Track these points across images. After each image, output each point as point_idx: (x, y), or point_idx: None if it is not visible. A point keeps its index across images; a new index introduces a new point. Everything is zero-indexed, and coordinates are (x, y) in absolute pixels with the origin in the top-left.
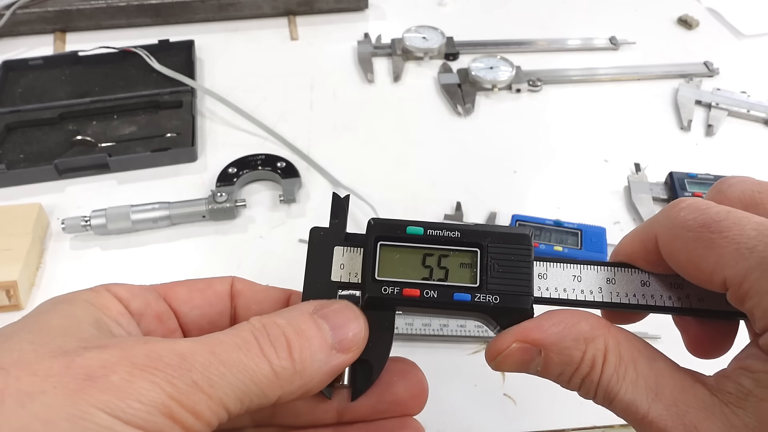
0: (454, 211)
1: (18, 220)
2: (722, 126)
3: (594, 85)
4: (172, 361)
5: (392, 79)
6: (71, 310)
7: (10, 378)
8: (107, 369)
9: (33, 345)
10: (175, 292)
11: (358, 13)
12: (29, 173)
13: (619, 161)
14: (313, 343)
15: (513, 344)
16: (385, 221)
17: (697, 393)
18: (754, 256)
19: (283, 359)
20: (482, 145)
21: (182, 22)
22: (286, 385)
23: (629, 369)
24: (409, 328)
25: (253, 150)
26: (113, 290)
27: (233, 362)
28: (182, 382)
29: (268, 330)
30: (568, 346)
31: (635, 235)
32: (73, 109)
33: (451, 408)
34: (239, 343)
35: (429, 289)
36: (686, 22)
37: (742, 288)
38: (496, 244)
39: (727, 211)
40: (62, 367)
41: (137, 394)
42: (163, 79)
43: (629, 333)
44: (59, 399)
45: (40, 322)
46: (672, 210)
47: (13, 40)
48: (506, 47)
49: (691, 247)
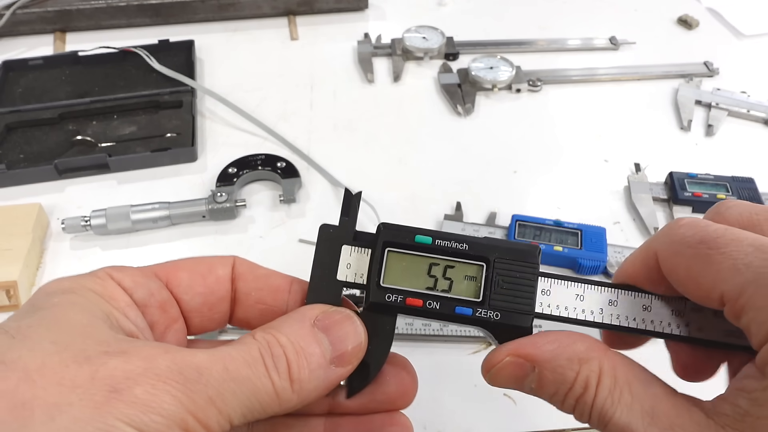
0: (454, 211)
1: (18, 220)
2: (722, 126)
3: (594, 85)
4: (191, 376)
5: (392, 79)
6: (83, 304)
7: (37, 389)
8: (131, 381)
9: (55, 347)
10: (177, 278)
11: (358, 13)
12: (29, 173)
13: (619, 161)
14: (312, 362)
15: (506, 358)
16: (395, 227)
17: (693, 416)
18: (750, 272)
19: (284, 380)
20: (482, 145)
21: (182, 22)
22: (284, 404)
23: (624, 392)
24: (409, 328)
25: (253, 150)
26: (116, 278)
27: (243, 379)
28: (200, 397)
29: (271, 348)
30: (562, 364)
31: (636, 255)
32: (73, 109)
33: (451, 408)
34: (249, 361)
35: (432, 300)
36: (686, 22)
37: (738, 303)
38: (503, 259)
39: (724, 229)
40: (87, 378)
41: (159, 408)
42: (163, 79)
43: (626, 357)
44: (86, 412)
45: (57, 319)
46: (671, 227)
47: (13, 40)
48: (506, 47)
49: (690, 263)
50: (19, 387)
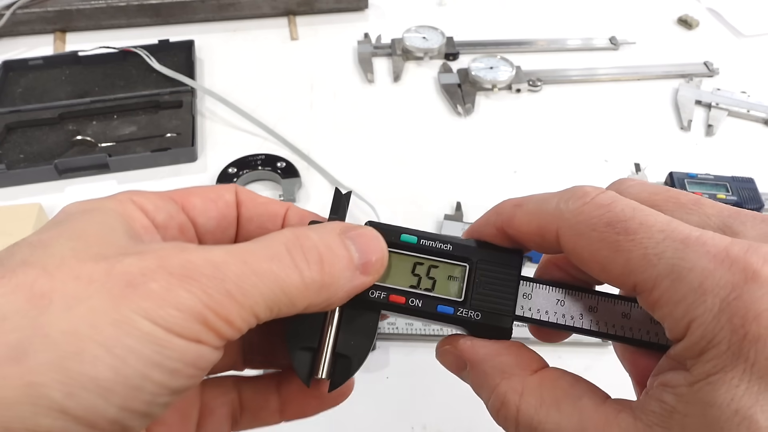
0: (454, 211)
1: (18, 220)
2: (722, 126)
3: (594, 85)
4: (207, 271)
5: (392, 79)
6: (103, 219)
7: (55, 281)
8: (147, 277)
9: (74, 251)
10: (191, 202)
11: (358, 13)
12: (29, 173)
13: (619, 161)
14: (342, 260)
15: (446, 346)
16: (381, 226)
17: (621, 424)
18: (663, 263)
19: (315, 272)
20: (482, 145)
21: (182, 22)
22: (313, 296)
23: (551, 411)
24: (409, 328)
25: (253, 150)
26: (138, 201)
27: (265, 272)
28: (217, 292)
29: (301, 242)
30: (486, 371)
31: (532, 216)
32: (73, 109)
33: (451, 408)
34: (271, 255)
35: (414, 297)
36: (686, 22)
37: (653, 296)
38: (486, 261)
39: (632, 209)
40: (103, 273)
41: (175, 302)
42: (163, 79)
43: (557, 372)
44: (103, 304)
45: (76, 229)
46: (575, 203)
47: (13, 40)
48: (506, 47)
49: (596, 247)
50: (37, 281)
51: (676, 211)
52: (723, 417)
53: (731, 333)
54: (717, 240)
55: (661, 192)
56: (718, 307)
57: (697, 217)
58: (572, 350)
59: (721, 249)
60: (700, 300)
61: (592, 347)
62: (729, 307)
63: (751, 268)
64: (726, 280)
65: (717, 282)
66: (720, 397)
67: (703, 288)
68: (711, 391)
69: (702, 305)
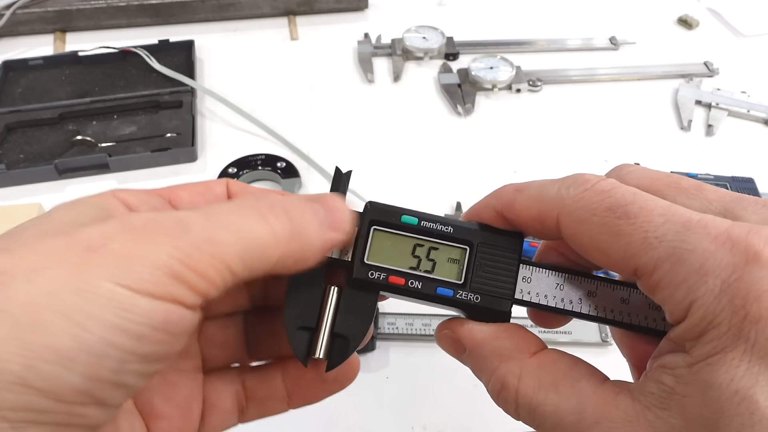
0: (454, 211)
1: (18, 220)
2: (722, 126)
3: (594, 85)
4: (170, 225)
5: (392, 79)
6: (80, 209)
7: (16, 258)
8: (107, 238)
9: (37, 231)
10: (178, 196)
11: (358, 13)
12: (29, 173)
13: (619, 161)
14: (307, 212)
15: (445, 331)
16: (382, 206)
17: (619, 405)
18: (663, 246)
19: (283, 222)
20: (482, 145)
21: (182, 22)
22: (285, 245)
23: (550, 393)
24: (409, 328)
25: (253, 150)
26: (120, 196)
27: (230, 224)
28: (183, 244)
29: (267, 200)
30: (485, 355)
31: (532, 202)
32: (73, 109)
33: (451, 408)
34: (235, 210)
35: (414, 279)
36: (686, 22)
37: (653, 279)
38: (486, 244)
39: (632, 194)
40: (63, 244)
41: (139, 258)
42: (163, 79)
43: (556, 354)
44: (63, 272)
45: (48, 217)
46: (575, 189)
47: (13, 40)
48: (506, 47)
49: (596, 231)
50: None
51: (678, 197)
52: (723, 397)
53: (732, 314)
54: (718, 222)
55: (662, 177)
56: (719, 288)
57: (699, 202)
58: (572, 350)
59: (722, 231)
60: (701, 281)
61: (592, 347)
62: (730, 288)
63: (753, 249)
64: (727, 262)
65: (718, 263)
66: (720, 378)
67: (704, 269)
68: (711, 372)
69: (703, 286)
